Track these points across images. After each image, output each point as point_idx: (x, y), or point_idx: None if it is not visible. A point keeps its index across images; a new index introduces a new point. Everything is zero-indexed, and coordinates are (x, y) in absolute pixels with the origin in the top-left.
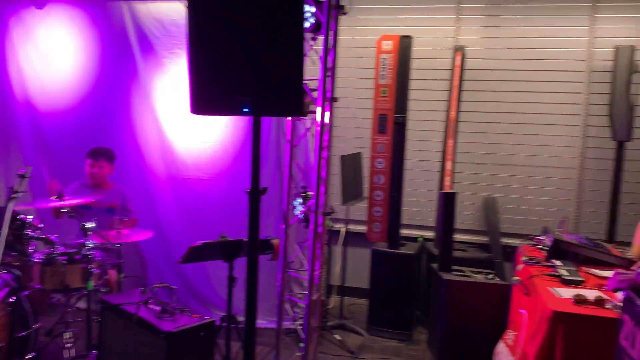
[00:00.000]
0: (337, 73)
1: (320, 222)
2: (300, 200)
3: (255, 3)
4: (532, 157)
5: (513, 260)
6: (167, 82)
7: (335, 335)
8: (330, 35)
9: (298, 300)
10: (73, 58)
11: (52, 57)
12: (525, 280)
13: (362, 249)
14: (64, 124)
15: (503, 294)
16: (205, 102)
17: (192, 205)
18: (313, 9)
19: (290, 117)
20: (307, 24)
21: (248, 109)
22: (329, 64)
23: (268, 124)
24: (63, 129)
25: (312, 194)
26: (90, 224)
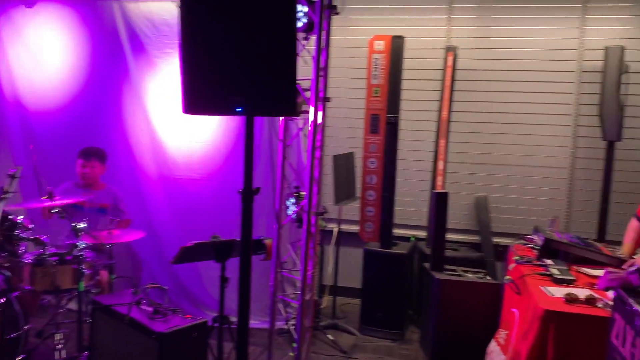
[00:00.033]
0: (329, 73)
1: (313, 222)
2: (293, 200)
3: (248, 2)
4: (523, 156)
5: (505, 260)
6: (158, 81)
7: (328, 335)
8: (323, 35)
9: (291, 301)
10: (63, 57)
11: (42, 56)
12: (517, 280)
13: (354, 249)
14: (55, 124)
15: (495, 293)
16: (198, 101)
17: (184, 205)
18: (305, 9)
19: (283, 116)
20: (299, 24)
21: (241, 109)
22: (322, 64)
23: (260, 124)
24: (53, 129)
25: (304, 194)
26: (82, 225)
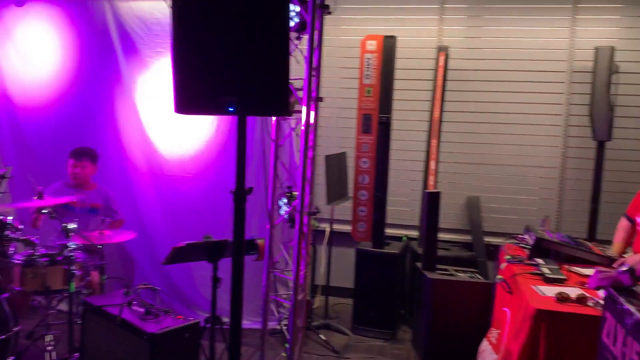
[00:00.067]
0: (322, 73)
1: (306, 222)
2: (285, 200)
3: (241, 2)
4: (514, 156)
5: (496, 259)
6: (150, 81)
7: (321, 335)
8: (315, 35)
9: (283, 301)
10: (53, 57)
11: (31, 55)
12: (509, 279)
13: (347, 249)
14: (45, 124)
15: (486, 293)
16: (190, 101)
17: (176, 205)
18: (298, 8)
19: (276, 116)
20: (292, 23)
21: (233, 109)
22: (314, 64)
23: (253, 123)
24: (44, 129)
25: (297, 194)
26: (72, 225)
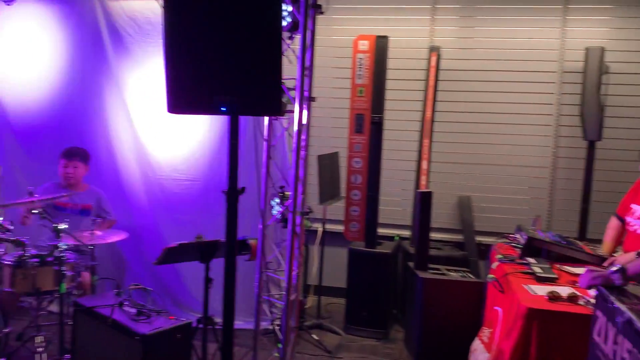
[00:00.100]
0: (314, 73)
1: (298, 222)
2: (278, 200)
3: (233, 1)
4: (505, 156)
5: (488, 258)
6: (142, 81)
7: (313, 335)
8: (308, 35)
9: (276, 301)
10: (43, 56)
11: (21, 55)
12: (500, 278)
13: (339, 249)
14: (35, 123)
15: (478, 292)
16: (182, 101)
17: (167, 206)
18: (290, 8)
19: (268, 116)
20: (284, 23)
21: (225, 108)
22: (307, 63)
23: (245, 123)
24: (34, 128)
25: (289, 194)
26: (63, 226)
